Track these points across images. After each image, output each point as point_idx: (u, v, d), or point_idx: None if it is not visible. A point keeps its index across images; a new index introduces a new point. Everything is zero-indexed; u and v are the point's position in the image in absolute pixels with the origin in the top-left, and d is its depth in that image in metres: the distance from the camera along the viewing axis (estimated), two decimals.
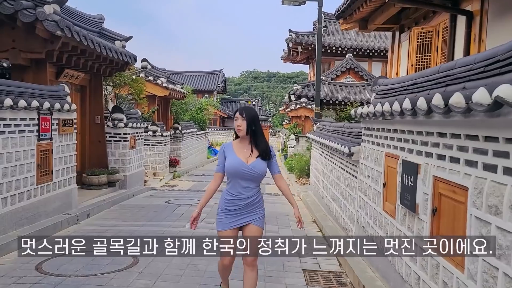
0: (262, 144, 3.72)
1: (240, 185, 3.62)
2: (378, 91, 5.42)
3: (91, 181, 10.12)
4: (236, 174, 3.62)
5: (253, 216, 3.67)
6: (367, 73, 25.24)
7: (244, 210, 3.63)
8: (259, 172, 3.64)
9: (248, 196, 3.63)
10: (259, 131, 3.74)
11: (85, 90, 10.53)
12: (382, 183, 4.79)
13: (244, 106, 3.86)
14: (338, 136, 8.07)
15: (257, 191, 3.73)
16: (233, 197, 3.63)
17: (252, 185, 3.66)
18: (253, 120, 3.67)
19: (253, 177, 3.63)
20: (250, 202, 3.64)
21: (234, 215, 3.63)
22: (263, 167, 3.66)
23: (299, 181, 15.23)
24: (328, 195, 8.85)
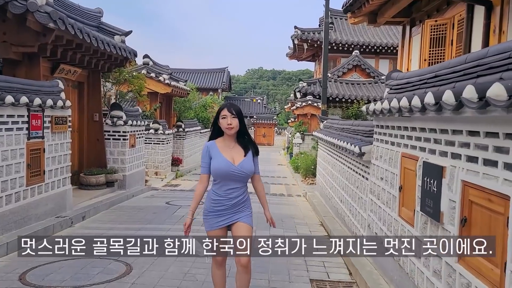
0: (249, 141, 3.67)
1: (228, 186, 3.54)
2: (392, 86, 4.97)
3: (88, 181, 9.74)
4: (225, 176, 3.52)
5: (241, 214, 3.61)
6: (374, 70, 24.75)
7: (231, 210, 3.56)
8: (247, 172, 3.57)
9: (236, 196, 3.56)
10: (245, 127, 3.67)
11: (83, 86, 10.14)
12: (398, 186, 4.34)
13: (229, 103, 3.80)
14: (347, 135, 7.62)
15: (244, 190, 3.66)
16: (220, 197, 3.54)
17: (240, 185, 3.59)
18: (242, 116, 3.59)
19: (242, 177, 3.56)
20: (238, 201, 3.57)
21: (221, 215, 3.55)
22: (251, 166, 3.59)
23: (305, 180, 14.79)
24: (336, 196, 8.41)
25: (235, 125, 3.51)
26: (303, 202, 10.95)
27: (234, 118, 3.50)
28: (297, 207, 10.14)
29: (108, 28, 10.51)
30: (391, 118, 4.59)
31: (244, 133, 3.66)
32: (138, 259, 5.41)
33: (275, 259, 5.80)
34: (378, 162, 5.19)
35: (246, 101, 51.04)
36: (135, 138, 11.24)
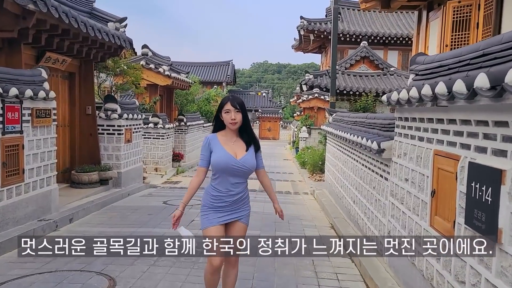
0: (251, 135, 3.51)
1: (229, 181, 3.38)
2: (419, 71, 4.22)
3: (80, 179, 9.06)
4: (225, 170, 3.36)
5: (241, 213, 3.47)
6: (383, 62, 23.92)
7: (232, 207, 3.42)
8: (249, 167, 3.42)
9: (237, 192, 3.41)
10: (249, 121, 3.51)
11: (74, 77, 9.44)
12: (429, 190, 3.60)
13: (233, 96, 3.62)
14: (361, 129, 6.87)
15: (245, 186, 3.52)
16: (220, 193, 3.39)
17: (241, 180, 3.44)
18: (245, 110, 3.44)
19: (243, 172, 3.40)
20: (239, 198, 3.43)
21: (221, 211, 3.40)
22: (253, 161, 3.45)
23: (312, 177, 14.05)
24: (347, 196, 7.68)
25: (238, 120, 3.37)
26: (311, 201, 10.22)
27: (237, 112, 3.35)
28: (304, 207, 9.42)
29: (101, 14, 9.78)
30: (420, 108, 3.85)
31: (246, 127, 3.50)
32: (125, 272, 4.74)
33: (281, 271, 5.11)
34: (401, 160, 4.44)
35: (251, 95, 50.30)
36: (131, 132, 10.54)
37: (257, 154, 3.52)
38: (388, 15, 27.88)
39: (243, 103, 3.44)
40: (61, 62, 8.54)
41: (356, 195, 6.86)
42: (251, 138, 3.50)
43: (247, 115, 3.47)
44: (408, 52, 26.55)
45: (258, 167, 3.58)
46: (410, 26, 26.54)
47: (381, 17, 27.86)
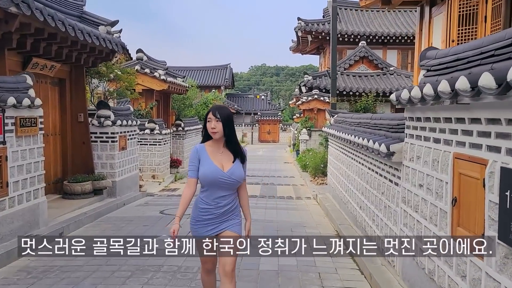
0: (236, 146, 3.43)
1: (216, 194, 3.35)
2: (431, 66, 3.85)
3: (73, 189, 8.68)
4: (213, 183, 3.32)
5: (230, 222, 3.41)
6: (382, 62, 23.59)
7: (220, 219, 3.37)
8: (237, 179, 3.36)
9: (225, 204, 3.37)
10: (233, 132, 3.42)
11: (65, 83, 9.07)
12: (449, 198, 3.23)
13: (217, 105, 3.54)
14: (365, 130, 6.51)
15: (234, 197, 3.45)
16: (208, 205, 3.35)
17: (230, 192, 3.39)
18: (228, 120, 3.34)
19: (231, 185, 3.36)
20: (227, 210, 3.38)
21: (209, 224, 3.36)
22: (241, 172, 3.39)
23: (314, 180, 13.67)
24: (352, 201, 7.30)
25: (218, 129, 3.29)
26: (314, 206, 9.84)
27: (218, 122, 3.28)
28: (307, 213, 9.03)
29: (91, 18, 9.43)
30: (436, 107, 3.48)
31: (230, 138, 3.40)
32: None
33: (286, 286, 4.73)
34: (414, 164, 4.07)
35: (250, 98, 49.98)
36: (126, 139, 10.16)
37: (244, 165, 3.46)
38: (386, 14, 27.59)
39: (226, 114, 3.36)
40: (50, 68, 8.17)
41: (362, 200, 6.48)
42: (237, 148, 3.43)
43: (231, 125, 3.37)
44: (407, 51, 26.23)
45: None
46: (409, 24, 26.24)
47: (379, 17, 27.55)
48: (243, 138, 42.69)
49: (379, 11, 27.93)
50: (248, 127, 43.54)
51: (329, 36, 25.86)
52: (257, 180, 14.48)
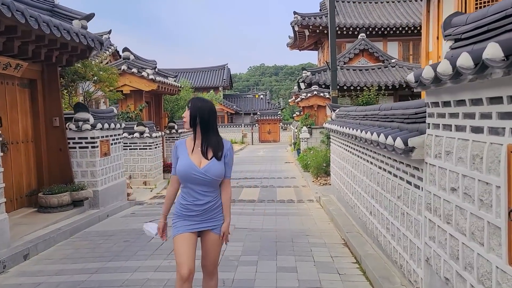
0: (212, 141, 3.18)
1: (194, 190, 3.16)
2: (462, 34, 2.95)
3: (48, 202, 7.79)
4: (187, 179, 3.16)
5: (214, 223, 3.22)
6: (383, 54, 22.73)
7: (202, 216, 3.18)
8: (213, 177, 3.15)
9: (206, 202, 3.17)
10: (210, 125, 3.19)
11: (36, 85, 8.19)
12: (504, 209, 2.33)
13: (196, 97, 3.41)
14: (373, 123, 5.61)
15: (216, 194, 3.25)
16: (187, 202, 3.18)
17: (210, 189, 3.19)
18: (199, 111, 3.14)
19: (208, 182, 3.15)
20: (209, 207, 3.18)
21: (191, 220, 3.18)
22: (218, 169, 3.16)
23: (316, 181, 12.76)
24: (361, 205, 6.40)
25: (186, 118, 3.18)
26: (318, 210, 8.93)
27: (188, 111, 3.18)
28: (310, 218, 8.12)
29: (64, 11, 8.52)
30: (476, 85, 2.57)
31: (206, 130, 3.17)
32: None
33: None
34: (442, 162, 3.17)
35: (249, 98, 49.11)
36: (109, 144, 9.28)
37: (226, 162, 3.22)
38: (385, 5, 26.69)
39: (196, 103, 3.17)
40: (15, 67, 7.28)
41: (373, 205, 5.57)
42: (213, 143, 3.18)
43: (205, 117, 3.13)
44: (408, 42, 25.33)
45: (224, 176, 3.26)
46: (409, 15, 25.33)
47: (378, 8, 26.65)
48: (243, 138, 41.82)
49: (378, 2, 27.06)
50: (248, 128, 42.64)
51: (327, 30, 25.00)
52: (256, 182, 13.59)
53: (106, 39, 19.89)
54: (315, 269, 5.06)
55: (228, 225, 3.26)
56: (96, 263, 5.45)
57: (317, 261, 5.37)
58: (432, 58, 8.46)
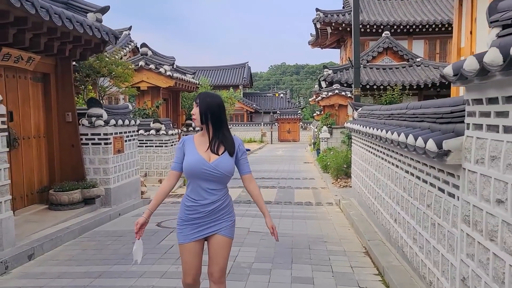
0: (224, 136, 3.03)
1: (202, 188, 3.00)
2: (510, 19, 2.52)
3: (59, 199, 7.59)
4: (196, 175, 2.99)
5: (221, 225, 3.05)
6: (408, 52, 22.01)
7: (209, 218, 3.02)
8: (224, 172, 2.99)
9: (213, 201, 3.00)
10: (220, 121, 3.03)
11: (49, 79, 7.99)
12: None
13: (203, 92, 3.21)
14: (400, 123, 5.17)
15: (224, 193, 3.09)
16: (194, 203, 3.01)
17: (218, 187, 3.03)
18: (208, 107, 2.99)
19: (217, 177, 3.00)
20: (216, 208, 3.02)
21: (198, 224, 3.01)
22: (229, 165, 3.02)
23: (336, 183, 12.31)
24: (384, 211, 5.96)
25: (196, 115, 3.04)
26: (337, 214, 8.50)
27: (197, 107, 3.04)
28: (329, 223, 7.70)
29: (78, 4, 8.28)
30: None
31: (221, 127, 3.06)
32: None
33: None
34: (485, 168, 2.74)
35: (269, 97, 48.78)
36: (123, 141, 9.04)
37: (241, 157, 3.13)
38: (412, 2, 25.94)
39: (205, 99, 3.03)
40: (27, 60, 7.08)
41: (398, 212, 5.14)
42: (225, 138, 3.04)
43: (214, 112, 3.00)
44: (435, 41, 24.54)
45: (242, 172, 3.16)
46: (436, 12, 24.54)
47: (404, 5, 25.91)
48: (262, 137, 41.48)
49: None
50: (267, 126, 42.29)
51: (350, 27, 24.43)
52: (274, 183, 13.20)
53: (126, 35, 19.81)
54: (333, 281, 4.66)
55: (271, 220, 3.18)
56: (101, 266, 5.17)
57: (335, 272, 4.97)
58: (464, 54, 7.94)
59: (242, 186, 12.38)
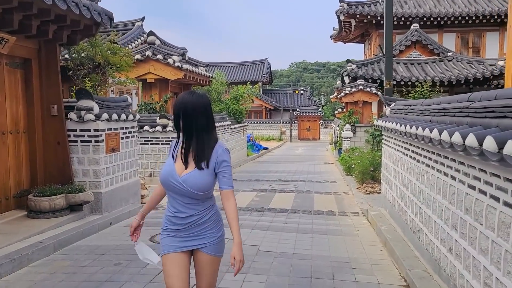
0: (195, 146, 2.62)
1: (176, 201, 2.65)
2: None
3: (39, 205, 6.50)
4: (166, 187, 2.67)
5: (203, 240, 2.70)
6: (438, 46, 20.44)
7: (188, 232, 2.68)
8: (191, 190, 2.58)
9: (189, 215, 2.65)
10: (193, 125, 2.60)
11: (30, 65, 6.91)
12: None
13: (186, 91, 2.74)
14: (459, 120, 3.84)
15: (205, 209, 2.68)
16: (172, 214, 2.70)
17: (193, 201, 2.64)
18: (181, 107, 2.60)
19: (189, 193, 2.60)
20: (194, 221, 2.66)
21: (178, 237, 2.70)
22: (198, 181, 2.57)
23: (361, 188, 10.96)
24: (430, 233, 4.65)
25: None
26: (365, 228, 7.19)
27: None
28: (356, 240, 6.40)
29: None
30: None
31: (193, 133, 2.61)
32: None
33: None
34: None
35: (288, 94, 47.43)
36: (118, 138, 7.91)
37: (221, 169, 2.62)
38: None
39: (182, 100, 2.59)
40: (2, 43, 6.00)
41: (455, 239, 3.82)
42: (197, 147, 2.60)
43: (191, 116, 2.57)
44: (468, 34, 22.82)
45: (221, 187, 2.64)
46: (469, 3, 22.79)
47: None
48: (281, 135, 40.19)
49: None
50: (286, 124, 40.95)
51: (375, 19, 22.95)
52: (291, 186, 11.93)
53: (139, 26, 18.82)
54: None
55: (238, 247, 2.57)
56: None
57: None
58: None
59: (256, 190, 11.23)
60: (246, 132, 22.51)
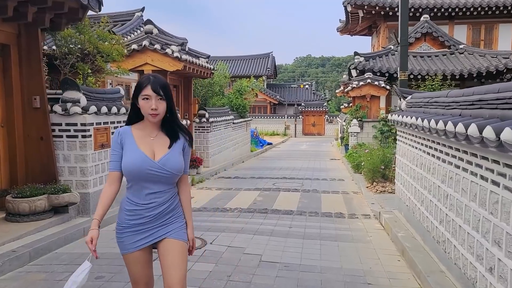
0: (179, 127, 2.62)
1: (147, 190, 2.52)
2: None
3: (17, 207, 5.87)
4: (139, 177, 2.51)
5: (171, 227, 2.58)
6: (449, 38, 19.64)
7: (155, 223, 2.55)
8: (172, 171, 2.53)
9: (160, 203, 2.54)
10: (175, 111, 2.62)
11: (8, 51, 6.26)
12: None
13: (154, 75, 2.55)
14: (503, 113, 3.16)
15: (172, 195, 2.61)
16: (137, 207, 2.54)
17: (165, 188, 2.56)
18: (170, 96, 2.54)
19: (165, 178, 2.53)
20: (163, 211, 2.55)
21: (141, 230, 2.54)
22: (178, 162, 2.56)
23: (372, 186, 10.27)
24: (461, 246, 3.97)
25: (161, 110, 2.51)
26: (378, 234, 6.51)
27: (161, 100, 2.48)
28: (370, 248, 5.73)
29: None
30: None
31: (172, 118, 2.61)
32: None
33: None
34: None
35: (293, 88, 46.66)
36: (109, 133, 7.26)
37: (185, 152, 2.62)
38: None
39: (167, 87, 2.52)
40: None
41: (498, 258, 3.14)
42: (176, 129, 2.60)
43: (173, 102, 2.56)
44: (480, 26, 21.97)
45: (184, 171, 2.65)
46: None
47: None
48: (285, 130, 39.48)
49: None
50: (291, 119, 40.23)
51: (384, 10, 22.09)
52: (297, 185, 11.26)
53: (139, 17, 18.15)
54: None
55: (193, 230, 2.69)
56: None
57: None
58: None
59: (259, 188, 10.52)
60: (250, 127, 21.84)
